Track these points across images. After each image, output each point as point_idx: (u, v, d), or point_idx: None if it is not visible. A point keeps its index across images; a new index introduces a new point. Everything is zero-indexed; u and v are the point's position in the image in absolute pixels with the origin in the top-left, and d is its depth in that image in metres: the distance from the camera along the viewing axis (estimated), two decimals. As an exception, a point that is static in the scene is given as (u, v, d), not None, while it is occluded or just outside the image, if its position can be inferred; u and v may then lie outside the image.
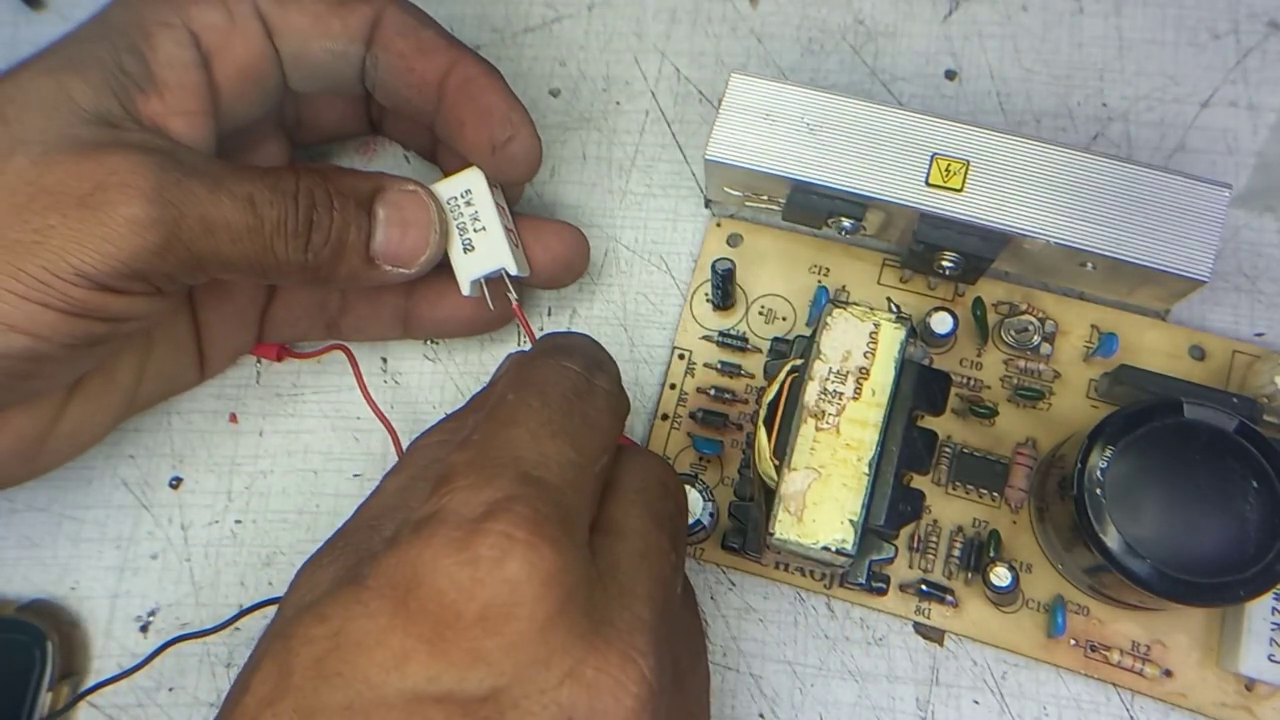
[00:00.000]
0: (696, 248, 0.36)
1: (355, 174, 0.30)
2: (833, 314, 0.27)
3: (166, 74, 0.27)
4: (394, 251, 0.29)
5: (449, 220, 0.31)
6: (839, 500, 0.25)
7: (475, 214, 0.31)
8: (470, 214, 0.31)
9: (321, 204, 0.28)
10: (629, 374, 0.35)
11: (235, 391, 0.36)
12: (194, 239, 0.26)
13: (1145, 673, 0.29)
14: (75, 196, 0.25)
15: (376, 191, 0.29)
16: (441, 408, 0.35)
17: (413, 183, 0.30)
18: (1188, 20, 0.36)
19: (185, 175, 0.26)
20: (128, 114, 0.27)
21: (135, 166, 0.25)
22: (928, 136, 0.31)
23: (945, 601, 0.31)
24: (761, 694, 0.31)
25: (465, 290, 0.31)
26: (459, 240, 0.31)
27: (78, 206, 0.25)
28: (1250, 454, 0.26)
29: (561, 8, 0.39)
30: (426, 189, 0.30)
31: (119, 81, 0.27)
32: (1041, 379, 0.32)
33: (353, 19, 0.30)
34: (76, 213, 0.25)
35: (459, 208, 0.31)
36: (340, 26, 0.30)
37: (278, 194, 0.27)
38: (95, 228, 0.25)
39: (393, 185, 0.30)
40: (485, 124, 0.31)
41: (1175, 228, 0.29)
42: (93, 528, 0.35)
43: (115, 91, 0.27)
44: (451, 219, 0.31)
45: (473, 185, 0.31)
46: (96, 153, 0.25)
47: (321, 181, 0.28)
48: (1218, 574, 0.26)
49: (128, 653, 0.33)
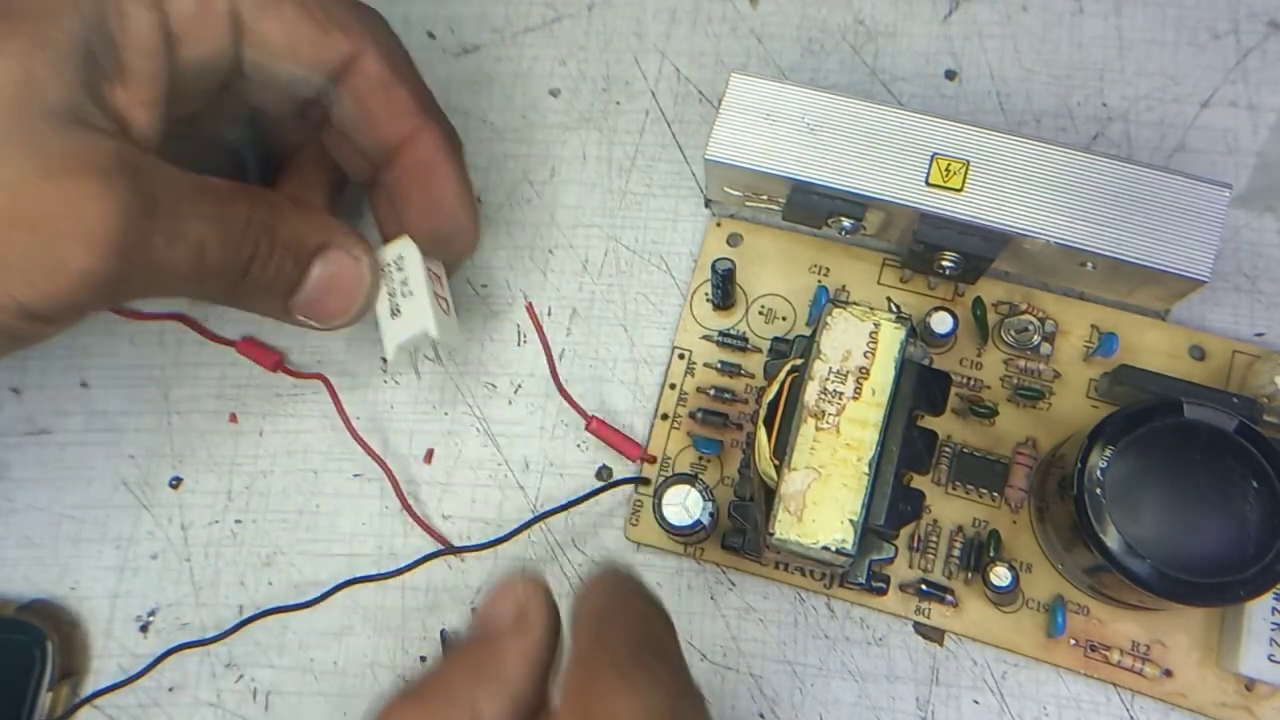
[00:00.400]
0: (696, 248, 0.36)
1: (309, 220, 0.29)
2: (833, 314, 0.27)
3: (134, 61, 0.26)
4: (312, 310, 0.30)
5: (379, 289, 0.31)
6: (839, 500, 0.25)
7: (405, 279, 0.31)
8: (400, 279, 0.31)
9: (262, 253, 0.28)
10: (629, 374, 0.35)
11: (235, 391, 0.36)
12: (139, 282, 0.26)
13: (1145, 673, 0.29)
14: (32, 228, 0.24)
15: (320, 250, 0.29)
16: (441, 407, 0.35)
17: (360, 247, 0.30)
18: (1188, 20, 0.36)
19: (148, 220, 0.25)
20: (96, 106, 0.25)
21: (101, 210, 0.24)
22: (928, 136, 0.31)
23: (945, 601, 0.31)
24: (761, 694, 0.31)
25: (389, 354, 0.31)
26: (387, 303, 0.31)
27: (33, 242, 0.24)
28: (1250, 454, 0.26)
29: (561, 8, 0.39)
30: (371, 257, 0.30)
31: (88, 68, 0.25)
32: (1041, 379, 0.32)
33: (328, 52, 0.29)
34: (30, 250, 0.23)
35: (391, 272, 0.31)
36: (312, 55, 0.29)
37: (227, 238, 0.26)
38: (47, 272, 0.24)
39: (339, 246, 0.29)
40: (430, 213, 0.30)
41: (1175, 228, 0.29)
42: (93, 528, 0.35)
43: (84, 81, 0.25)
44: (383, 283, 0.31)
45: (405, 253, 0.31)
46: (63, 174, 0.24)
47: (270, 225, 0.28)
48: (1218, 574, 0.26)
49: (128, 653, 0.33)
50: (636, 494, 0.33)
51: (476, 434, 0.35)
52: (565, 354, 0.35)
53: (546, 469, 0.34)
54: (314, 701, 0.32)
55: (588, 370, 0.35)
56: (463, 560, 0.33)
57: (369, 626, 0.33)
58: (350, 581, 0.32)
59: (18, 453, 0.35)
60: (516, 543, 0.33)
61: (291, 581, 0.34)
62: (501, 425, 0.35)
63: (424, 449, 0.35)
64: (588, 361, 0.35)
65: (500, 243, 0.36)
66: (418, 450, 0.35)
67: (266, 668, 0.33)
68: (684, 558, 0.33)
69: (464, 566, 0.33)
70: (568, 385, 0.33)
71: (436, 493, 0.34)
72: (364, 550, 0.34)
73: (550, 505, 0.32)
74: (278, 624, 0.33)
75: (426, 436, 0.35)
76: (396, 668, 0.33)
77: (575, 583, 0.33)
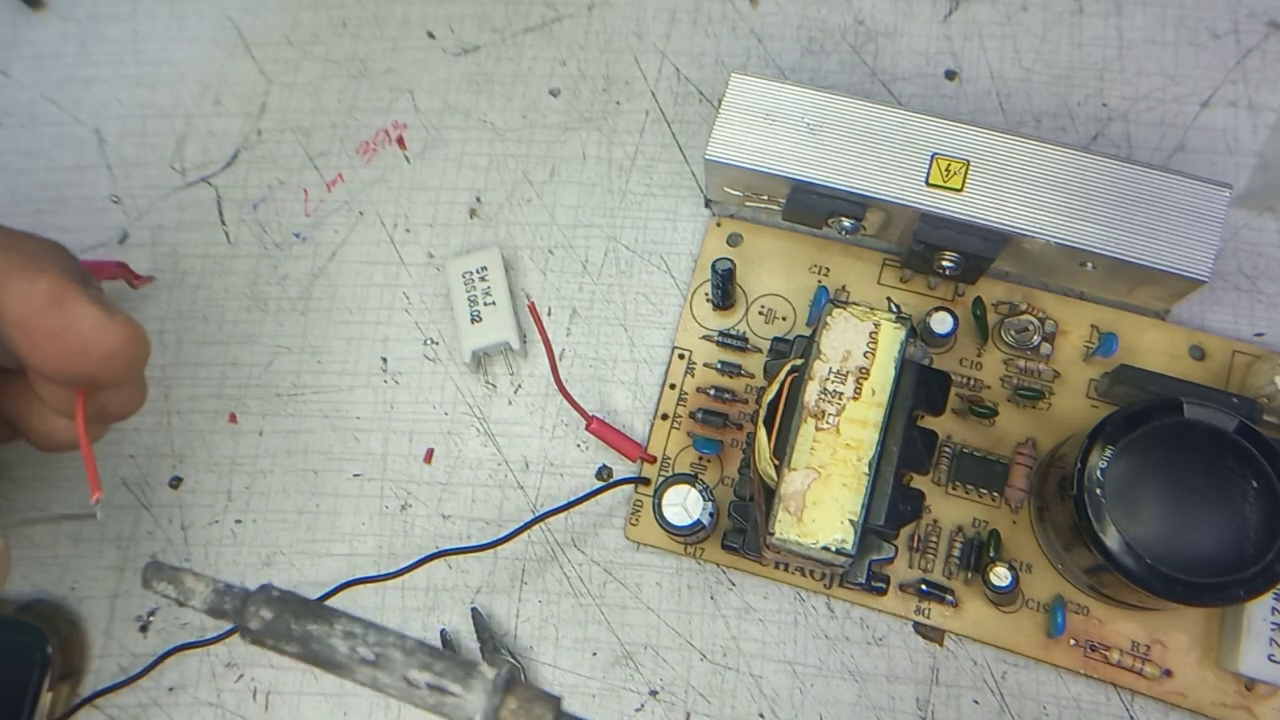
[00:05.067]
0: (696, 248, 0.36)
1: None
2: (833, 314, 0.27)
3: None
4: None
5: None
6: (839, 500, 0.25)
7: (489, 289, 0.35)
8: (483, 288, 0.35)
9: None
10: (629, 374, 0.35)
11: (235, 391, 0.36)
12: None
13: (1145, 672, 0.29)
14: None
15: None
16: (441, 407, 0.35)
17: None
18: (1188, 20, 0.36)
19: None
20: None
21: None
22: (928, 136, 0.31)
23: (945, 601, 0.31)
24: (761, 694, 0.31)
25: (465, 358, 0.34)
26: (467, 309, 0.34)
27: None
28: (1250, 454, 0.26)
29: (561, 8, 0.39)
30: (5, 544, 0.26)
31: None
32: (1041, 379, 0.32)
33: None
34: None
35: (474, 280, 0.35)
36: None
37: None
38: None
39: None
40: None
41: (1175, 228, 0.29)
42: (93, 528, 0.35)
43: None
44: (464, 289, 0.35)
45: (489, 263, 0.35)
46: None
47: None
48: (1217, 574, 0.26)
49: (127, 653, 0.33)
50: (636, 494, 0.33)
51: (476, 434, 0.35)
52: (565, 354, 0.35)
53: (546, 469, 0.34)
54: (314, 701, 0.32)
55: (588, 370, 0.35)
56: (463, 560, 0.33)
57: (369, 626, 0.33)
58: (350, 582, 0.32)
59: (18, 453, 0.35)
60: (516, 543, 0.33)
61: (291, 581, 0.34)
62: (501, 425, 0.35)
63: (424, 449, 0.35)
64: (588, 361, 0.35)
65: (500, 243, 0.36)
66: (418, 450, 0.35)
67: (266, 668, 0.33)
68: (684, 558, 0.33)
69: (464, 566, 0.33)
70: (568, 385, 0.33)
71: (436, 493, 0.34)
72: (364, 550, 0.34)
73: (550, 505, 0.32)
74: (278, 624, 0.33)
75: (426, 436, 0.35)
76: (396, 668, 0.33)
77: (575, 582, 0.33)
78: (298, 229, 0.37)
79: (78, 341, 0.24)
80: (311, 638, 0.21)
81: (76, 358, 0.24)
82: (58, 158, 0.39)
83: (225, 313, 0.36)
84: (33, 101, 0.40)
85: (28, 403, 0.27)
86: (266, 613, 0.21)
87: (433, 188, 0.37)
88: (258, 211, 0.38)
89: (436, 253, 0.37)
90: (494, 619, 0.33)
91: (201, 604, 0.22)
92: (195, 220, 0.38)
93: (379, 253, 0.37)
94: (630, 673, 0.32)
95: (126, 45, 0.40)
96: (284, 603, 0.21)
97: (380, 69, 0.39)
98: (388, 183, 0.38)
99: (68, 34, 0.40)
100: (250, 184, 0.38)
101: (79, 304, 0.24)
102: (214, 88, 0.39)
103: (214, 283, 0.37)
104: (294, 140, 0.38)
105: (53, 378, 0.25)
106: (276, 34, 0.40)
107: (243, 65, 0.39)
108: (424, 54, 0.39)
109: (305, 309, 0.36)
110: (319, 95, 0.39)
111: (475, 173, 0.37)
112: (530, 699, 0.20)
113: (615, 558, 0.33)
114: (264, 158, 0.38)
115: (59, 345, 0.24)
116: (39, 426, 0.28)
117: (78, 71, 0.40)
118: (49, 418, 0.27)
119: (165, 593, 0.23)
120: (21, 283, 0.24)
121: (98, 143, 0.39)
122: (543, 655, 0.32)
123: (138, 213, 0.38)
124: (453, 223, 0.37)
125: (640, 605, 0.32)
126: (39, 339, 0.24)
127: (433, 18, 0.39)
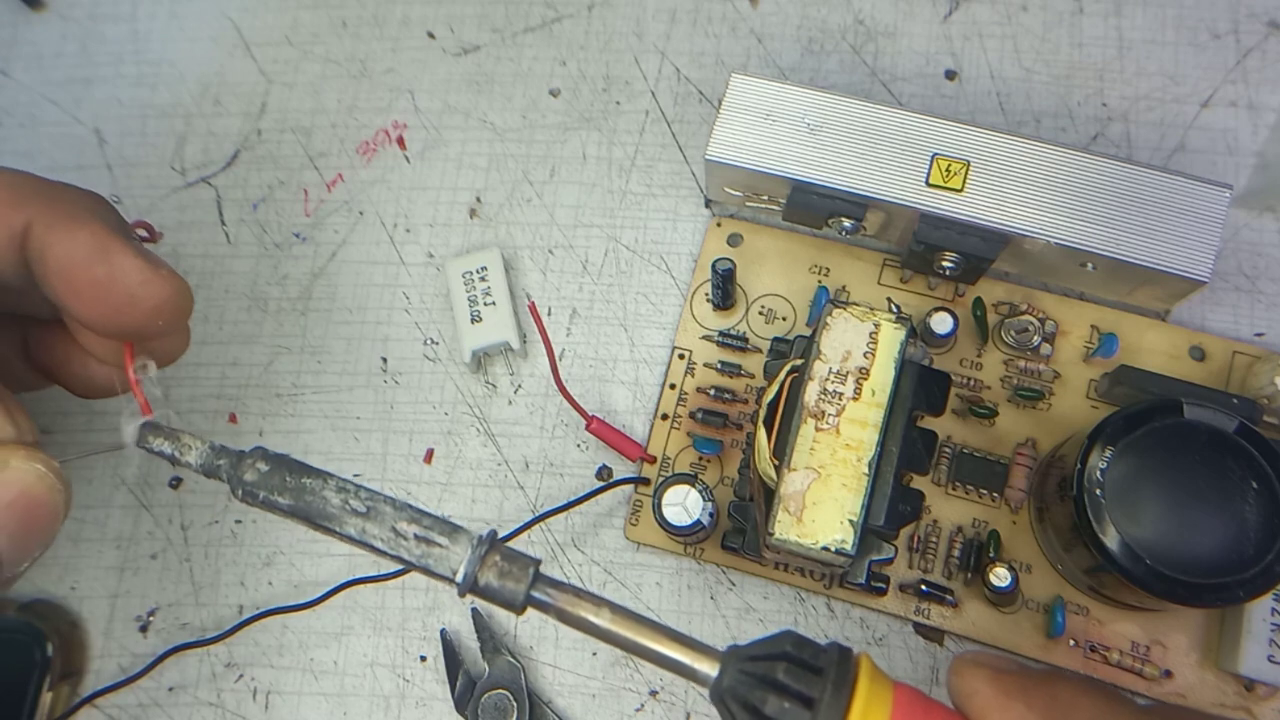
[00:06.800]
0: (696, 248, 0.36)
1: None
2: (833, 314, 0.27)
3: None
4: None
5: None
6: (839, 500, 0.25)
7: (489, 289, 0.35)
8: (483, 288, 0.35)
9: None
10: (629, 374, 0.35)
11: (235, 391, 0.36)
12: None
13: (1145, 673, 0.29)
14: None
15: None
16: (441, 407, 0.35)
17: (47, 463, 0.24)
18: (1188, 20, 0.36)
19: None
20: None
21: None
22: (928, 136, 0.31)
23: (945, 602, 0.31)
24: (761, 694, 0.31)
25: (465, 358, 0.34)
26: (467, 309, 0.34)
27: None
28: (1250, 455, 0.26)
29: (561, 8, 0.39)
30: (59, 475, 0.24)
31: None
32: (1041, 379, 0.32)
33: None
34: None
35: (474, 280, 0.35)
36: None
37: None
38: None
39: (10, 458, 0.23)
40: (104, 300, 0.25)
41: (1175, 228, 0.29)
42: (93, 528, 0.35)
43: None
44: (464, 289, 0.35)
45: (489, 263, 0.35)
46: None
47: None
48: (1217, 575, 0.26)
49: (127, 653, 0.33)
50: (636, 494, 0.33)
51: (476, 434, 0.35)
52: (565, 354, 0.35)
53: (546, 469, 0.34)
54: (314, 701, 0.32)
55: (588, 370, 0.35)
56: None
57: (369, 626, 0.33)
58: (350, 582, 0.32)
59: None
60: (516, 543, 0.32)
61: (291, 581, 0.34)
62: (501, 425, 0.35)
63: (424, 449, 0.35)
64: (588, 361, 0.35)
65: (500, 243, 0.36)
66: (418, 450, 0.35)
67: (266, 668, 0.33)
68: (684, 558, 0.33)
69: (464, 566, 0.33)
70: (568, 385, 0.33)
71: (436, 493, 0.34)
72: (364, 550, 0.34)
73: (550, 505, 0.32)
74: (277, 624, 0.33)
75: (426, 437, 0.35)
76: (396, 668, 0.33)
77: (576, 582, 0.33)
78: (298, 229, 0.37)
79: (125, 294, 0.24)
80: (305, 489, 0.22)
81: (124, 310, 0.24)
82: (58, 158, 0.39)
83: (225, 313, 0.36)
84: (33, 101, 0.40)
85: (66, 351, 0.27)
86: (262, 465, 0.22)
87: (433, 188, 0.37)
88: (258, 211, 0.38)
89: (436, 253, 0.37)
90: (494, 619, 0.33)
91: (196, 459, 0.23)
92: (195, 220, 0.38)
93: (379, 253, 0.37)
94: (630, 673, 0.32)
95: (126, 45, 0.40)
96: (279, 459, 0.22)
97: (380, 69, 0.39)
98: (388, 183, 0.38)
99: (68, 34, 0.40)
100: (250, 184, 0.38)
101: (124, 256, 0.24)
102: (214, 88, 0.39)
103: (214, 283, 0.37)
104: (294, 140, 0.38)
105: (99, 329, 0.25)
106: (276, 34, 0.40)
107: (243, 65, 0.39)
108: (424, 54, 0.39)
109: (305, 309, 0.36)
110: (319, 95, 0.39)
111: (475, 173, 0.37)
112: (512, 555, 0.21)
113: (615, 558, 0.33)
114: (264, 158, 0.38)
115: (105, 297, 0.24)
116: (80, 373, 0.28)
117: (78, 71, 0.40)
118: (91, 364, 0.27)
119: (160, 449, 0.23)
120: (62, 234, 0.24)
121: (98, 143, 0.39)
122: (543, 655, 0.32)
123: (138, 212, 0.38)
124: (453, 223, 0.37)
125: (640, 605, 0.32)
126: (84, 291, 0.24)
127: (433, 18, 0.39)
